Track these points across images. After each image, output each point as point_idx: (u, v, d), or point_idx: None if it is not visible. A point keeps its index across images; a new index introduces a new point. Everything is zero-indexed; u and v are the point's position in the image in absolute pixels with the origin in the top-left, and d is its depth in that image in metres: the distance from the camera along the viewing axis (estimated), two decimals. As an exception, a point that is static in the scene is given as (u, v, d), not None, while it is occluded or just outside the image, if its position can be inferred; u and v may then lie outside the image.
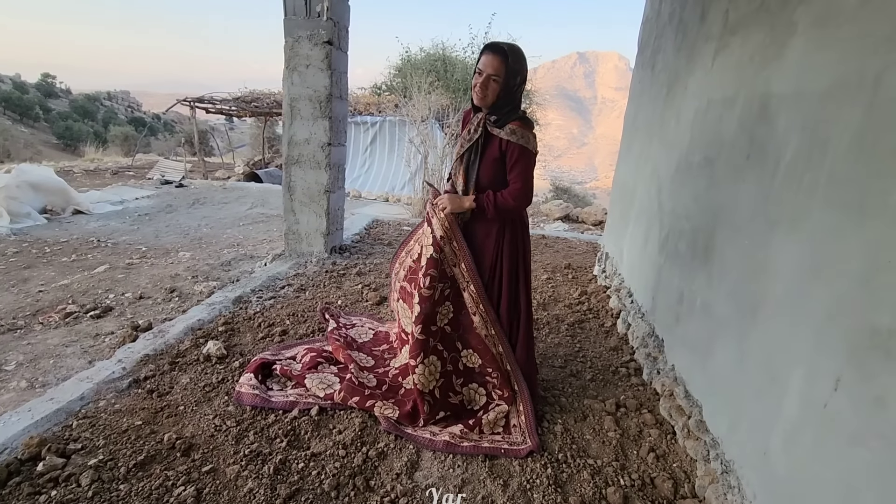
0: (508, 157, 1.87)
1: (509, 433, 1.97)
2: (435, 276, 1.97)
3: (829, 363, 1.14)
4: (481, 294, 1.99)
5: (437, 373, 2.03)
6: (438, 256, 1.97)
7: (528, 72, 1.88)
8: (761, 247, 1.53)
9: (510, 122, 1.85)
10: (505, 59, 1.80)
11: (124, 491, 1.57)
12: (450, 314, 2.05)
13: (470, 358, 2.09)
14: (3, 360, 2.56)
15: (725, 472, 1.59)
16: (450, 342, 2.08)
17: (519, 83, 1.86)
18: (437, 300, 2.00)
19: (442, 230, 1.97)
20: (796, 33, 1.47)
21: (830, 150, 1.24)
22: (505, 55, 1.80)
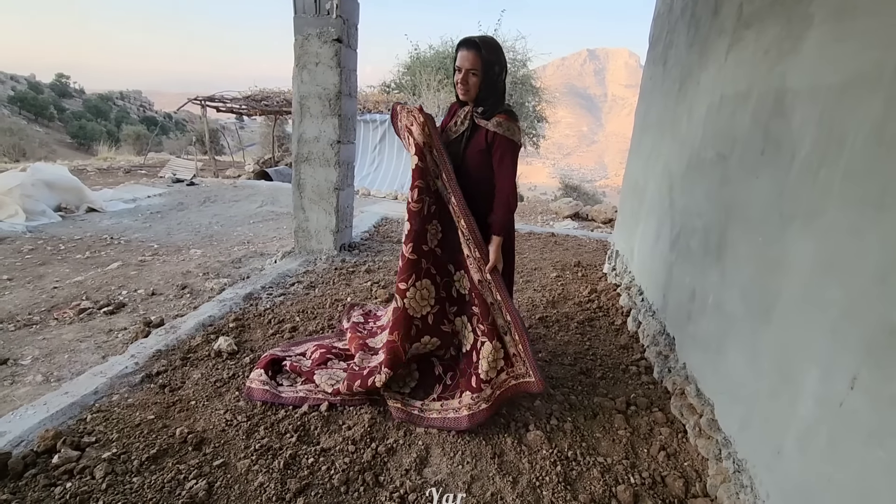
0: (495, 148, 1.91)
1: (511, 365, 1.99)
2: (422, 188, 1.95)
3: (845, 361, 1.12)
4: (461, 205, 1.95)
5: (432, 298, 2.03)
6: (423, 165, 1.94)
7: (505, 60, 1.92)
8: (775, 243, 1.51)
9: (497, 114, 1.89)
10: (479, 51, 1.84)
11: (137, 484, 1.59)
12: (439, 233, 2.04)
13: (462, 282, 2.07)
14: (19, 355, 2.60)
15: (738, 472, 1.57)
16: (441, 265, 2.07)
17: (498, 73, 1.89)
18: (425, 216, 1.98)
19: (423, 136, 1.92)
20: (813, 26, 1.45)
21: (847, 144, 1.21)
22: (478, 48, 1.85)
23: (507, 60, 1.94)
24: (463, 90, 1.91)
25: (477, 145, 1.94)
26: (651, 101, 3.52)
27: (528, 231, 5.68)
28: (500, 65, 1.89)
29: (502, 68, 1.90)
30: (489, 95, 1.91)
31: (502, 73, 1.91)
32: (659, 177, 2.99)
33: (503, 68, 1.91)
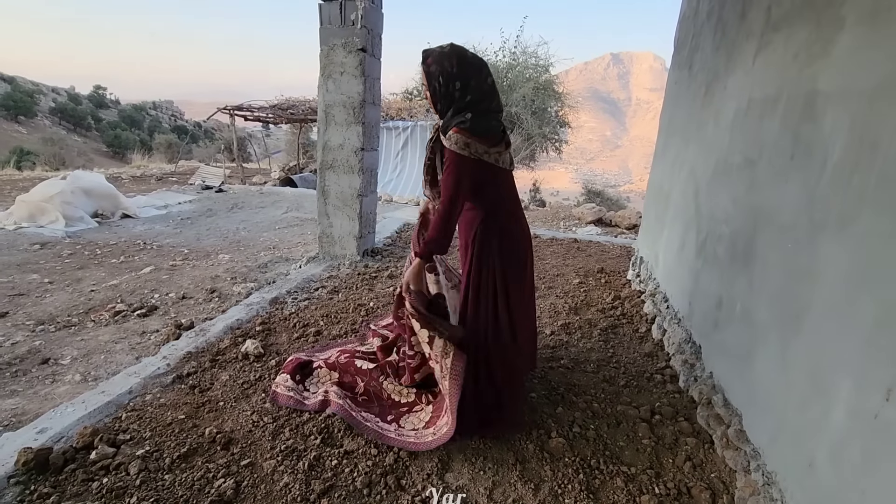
0: (445, 162, 1.72)
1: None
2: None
3: (880, 372, 1.09)
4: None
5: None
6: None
7: (458, 69, 1.65)
8: (806, 250, 1.47)
9: (452, 127, 1.66)
10: (423, 63, 1.71)
11: (169, 481, 1.65)
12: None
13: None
14: (59, 355, 2.73)
15: (767, 485, 1.53)
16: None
17: (443, 85, 1.67)
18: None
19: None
20: (844, 29, 1.42)
21: (881, 150, 1.18)
22: (424, 59, 1.71)
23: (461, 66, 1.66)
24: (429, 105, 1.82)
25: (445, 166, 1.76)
26: (676, 105, 3.47)
27: (550, 237, 5.65)
28: (444, 75, 1.65)
29: (449, 76, 1.65)
30: (444, 109, 1.72)
31: (452, 81, 1.66)
32: (684, 182, 2.94)
33: (451, 76, 1.65)
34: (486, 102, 1.71)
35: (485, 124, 1.70)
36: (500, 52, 13.62)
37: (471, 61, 1.69)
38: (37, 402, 2.28)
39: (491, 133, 1.72)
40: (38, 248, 5.04)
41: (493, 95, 1.75)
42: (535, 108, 12.59)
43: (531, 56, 13.29)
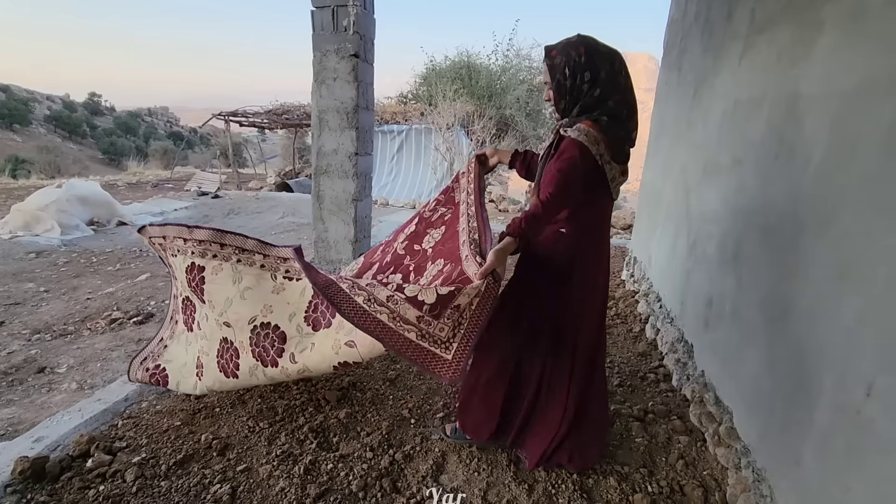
0: (559, 152, 1.51)
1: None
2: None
3: (861, 368, 1.11)
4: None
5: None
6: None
7: (586, 58, 1.45)
8: (791, 250, 1.50)
9: (583, 121, 1.46)
10: (547, 57, 1.52)
11: (165, 487, 1.66)
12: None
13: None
14: (55, 364, 2.73)
15: (757, 481, 1.55)
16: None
17: (570, 77, 1.47)
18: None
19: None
20: (824, 31, 1.45)
21: (860, 150, 1.21)
22: (547, 53, 1.52)
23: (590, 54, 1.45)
24: (552, 108, 1.59)
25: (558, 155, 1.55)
26: (666, 106, 3.51)
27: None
28: (572, 68, 1.46)
29: (577, 66, 1.45)
30: (569, 106, 1.52)
31: (580, 72, 1.46)
32: (675, 182, 2.97)
33: (578, 66, 1.45)
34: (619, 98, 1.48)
35: (619, 133, 1.49)
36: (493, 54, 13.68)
37: (602, 50, 1.48)
38: (33, 411, 2.28)
39: (620, 148, 1.50)
40: (33, 256, 5.04)
41: (627, 94, 1.50)
42: (529, 109, 12.63)
43: (524, 58, 13.35)
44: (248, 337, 1.92)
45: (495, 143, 8.50)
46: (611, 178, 1.50)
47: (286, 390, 2.25)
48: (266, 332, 1.90)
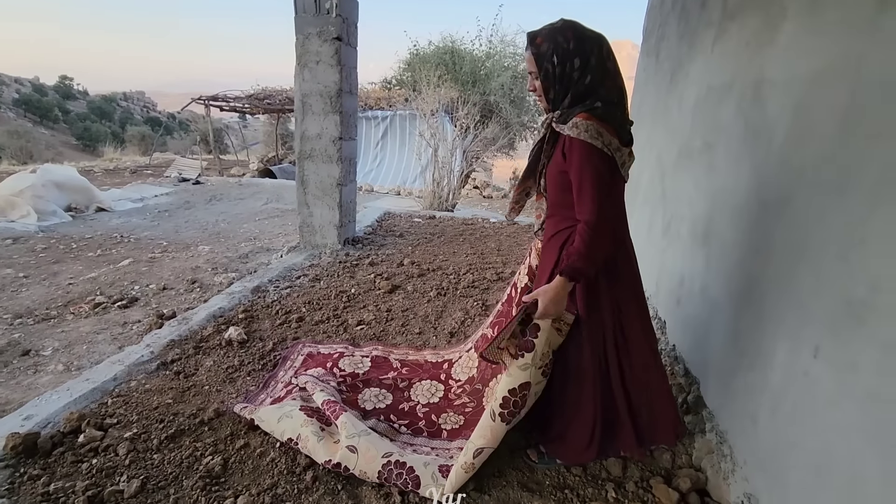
0: (568, 160, 1.43)
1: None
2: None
3: (811, 334, 1.21)
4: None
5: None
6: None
7: (575, 43, 1.41)
8: (754, 229, 1.60)
9: (577, 114, 1.40)
10: (531, 45, 1.46)
11: (158, 460, 1.71)
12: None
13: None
14: (40, 346, 2.73)
15: (720, 443, 1.66)
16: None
17: (558, 65, 1.42)
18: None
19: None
20: (787, 18, 1.53)
21: (817, 132, 1.30)
22: (531, 41, 1.46)
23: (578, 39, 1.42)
24: (538, 99, 1.56)
25: (556, 164, 1.52)
26: (645, 92, 3.59)
27: (528, 223, 5.76)
28: (560, 55, 1.41)
29: (567, 57, 1.41)
30: (560, 95, 1.46)
31: (569, 59, 1.41)
32: (652, 166, 3.07)
33: (567, 53, 1.41)
34: (610, 83, 1.45)
35: (617, 115, 1.44)
36: (476, 40, 13.62)
37: (589, 35, 1.44)
38: (20, 391, 2.30)
39: (623, 129, 1.46)
40: (10, 242, 4.95)
41: (617, 78, 1.48)
42: (513, 96, 12.64)
43: (508, 45, 13.32)
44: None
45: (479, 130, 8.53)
46: (621, 164, 1.45)
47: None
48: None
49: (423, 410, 2.04)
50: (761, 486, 1.38)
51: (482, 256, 4.23)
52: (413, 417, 2.00)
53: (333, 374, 2.22)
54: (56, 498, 1.52)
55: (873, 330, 1.00)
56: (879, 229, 1.01)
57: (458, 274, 3.69)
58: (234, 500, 1.55)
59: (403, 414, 2.02)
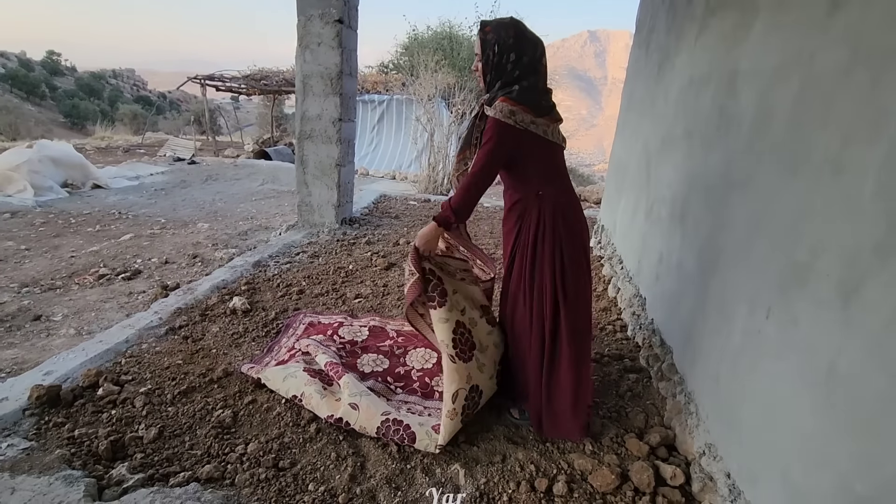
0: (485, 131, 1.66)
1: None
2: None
3: (764, 297, 1.37)
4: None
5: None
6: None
7: (514, 41, 1.64)
8: (722, 206, 1.75)
9: (498, 98, 1.63)
10: (481, 31, 1.68)
11: (172, 412, 1.85)
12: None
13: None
14: (50, 313, 2.85)
15: (687, 402, 1.84)
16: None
17: (497, 55, 1.64)
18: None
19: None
20: (759, 16, 1.66)
21: (775, 119, 1.45)
22: (481, 28, 1.69)
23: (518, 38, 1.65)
24: (478, 78, 1.77)
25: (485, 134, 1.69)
26: (635, 83, 3.73)
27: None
28: (500, 45, 1.63)
29: (505, 47, 1.63)
30: (493, 81, 1.69)
31: (507, 52, 1.64)
32: (639, 154, 3.22)
33: (507, 47, 1.63)
34: (534, 79, 1.67)
35: (533, 97, 1.65)
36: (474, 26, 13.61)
37: (529, 37, 1.67)
38: (35, 352, 2.42)
39: (538, 105, 1.66)
40: (8, 216, 5.01)
41: (543, 76, 1.72)
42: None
43: (506, 31, 13.33)
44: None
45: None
46: (542, 132, 1.67)
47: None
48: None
49: (418, 374, 2.20)
50: (719, 435, 1.56)
51: (475, 238, 4.38)
52: (408, 380, 2.16)
53: (333, 341, 2.37)
54: (81, 442, 1.66)
55: (812, 289, 1.16)
56: (820, 203, 1.17)
57: (451, 254, 3.84)
58: (245, 447, 1.70)
59: (399, 377, 2.18)
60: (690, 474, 1.64)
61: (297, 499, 1.51)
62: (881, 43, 1.03)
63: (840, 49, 1.16)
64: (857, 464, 0.96)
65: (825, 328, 1.10)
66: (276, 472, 1.59)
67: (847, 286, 1.04)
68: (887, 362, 0.91)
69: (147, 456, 1.63)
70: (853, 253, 1.03)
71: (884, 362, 0.92)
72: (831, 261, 1.10)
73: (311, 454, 1.69)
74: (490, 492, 1.58)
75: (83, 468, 1.54)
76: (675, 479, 1.62)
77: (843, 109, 1.13)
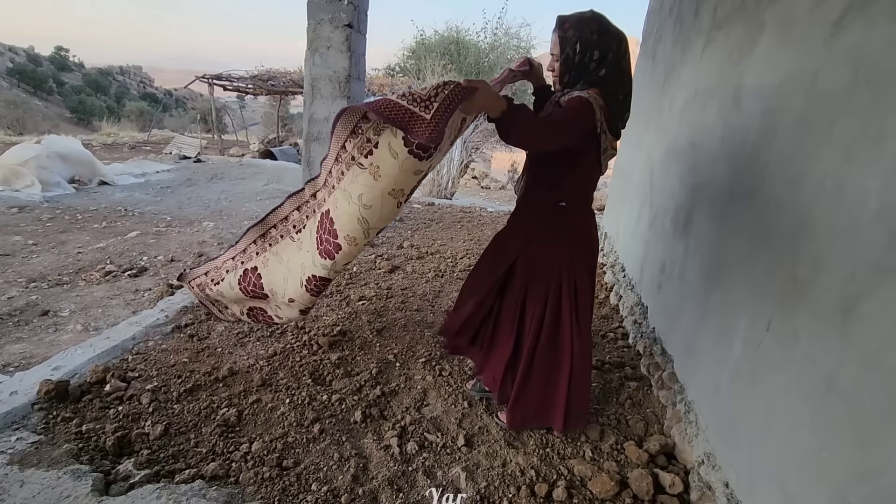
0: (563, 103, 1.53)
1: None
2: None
3: (765, 309, 1.39)
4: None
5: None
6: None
7: (598, 37, 1.51)
8: (726, 219, 1.78)
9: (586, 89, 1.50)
10: (559, 28, 1.54)
11: (178, 409, 1.88)
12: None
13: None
14: (58, 308, 2.88)
15: (687, 412, 1.86)
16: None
17: (580, 53, 1.51)
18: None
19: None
20: (764, 32, 1.69)
21: (779, 134, 1.47)
22: (560, 24, 1.55)
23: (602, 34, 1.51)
24: (554, 78, 1.65)
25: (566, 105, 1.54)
26: (640, 92, 3.74)
27: (523, 214, 5.95)
28: (583, 43, 1.50)
29: (588, 44, 1.50)
30: (574, 80, 1.56)
31: (588, 52, 1.51)
32: (643, 163, 3.24)
33: (590, 44, 1.50)
34: (619, 80, 1.56)
35: (616, 110, 1.56)
36: (482, 32, 13.69)
37: (613, 31, 1.54)
38: (43, 347, 2.45)
39: (616, 122, 1.58)
40: (15, 211, 5.05)
41: (628, 76, 1.59)
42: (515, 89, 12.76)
43: (513, 37, 13.42)
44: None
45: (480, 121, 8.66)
46: (603, 149, 1.57)
47: (282, 335, 2.48)
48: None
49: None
50: (718, 444, 1.58)
51: (479, 243, 4.41)
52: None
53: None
54: (88, 437, 1.69)
55: (812, 302, 1.18)
56: (821, 217, 1.19)
57: (455, 258, 3.86)
58: (250, 446, 1.73)
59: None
60: (689, 483, 1.65)
61: (301, 498, 1.53)
62: (882, 64, 1.06)
63: (842, 69, 1.19)
64: (851, 476, 0.98)
65: (824, 342, 1.12)
66: (279, 472, 1.62)
67: (847, 301, 1.06)
68: (885, 377, 0.94)
69: (153, 452, 1.65)
70: (853, 269, 1.06)
71: (881, 377, 0.94)
72: (832, 276, 1.12)
73: (314, 454, 1.72)
74: (490, 496, 1.60)
75: (90, 463, 1.57)
76: (674, 488, 1.63)
77: (845, 128, 1.16)
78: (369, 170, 1.58)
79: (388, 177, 1.57)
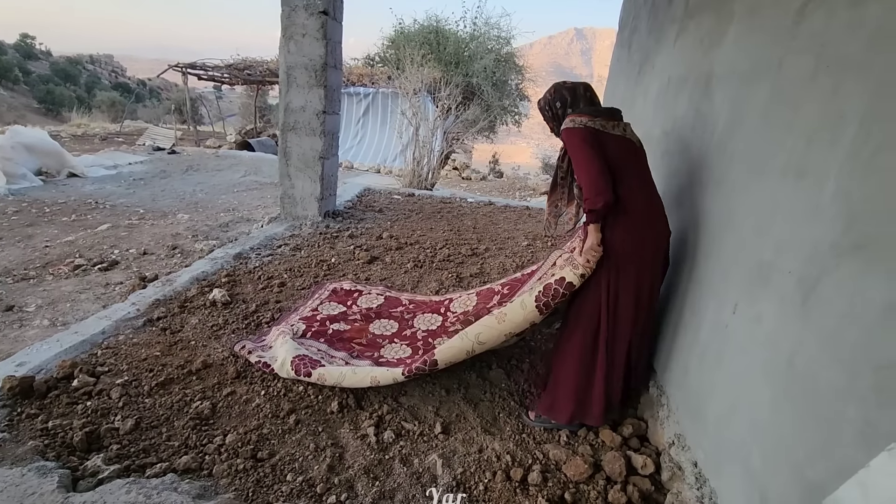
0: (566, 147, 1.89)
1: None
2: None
3: (732, 293, 1.42)
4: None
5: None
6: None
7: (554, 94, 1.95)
8: (696, 206, 1.80)
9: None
10: (538, 110, 2.08)
11: (149, 403, 1.84)
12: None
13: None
14: (23, 303, 2.79)
15: (659, 395, 1.90)
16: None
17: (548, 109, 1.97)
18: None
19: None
20: (733, 21, 1.71)
21: (746, 121, 1.50)
22: (538, 104, 2.09)
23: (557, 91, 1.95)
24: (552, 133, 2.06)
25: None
26: (617, 82, 3.78)
27: (504, 204, 5.96)
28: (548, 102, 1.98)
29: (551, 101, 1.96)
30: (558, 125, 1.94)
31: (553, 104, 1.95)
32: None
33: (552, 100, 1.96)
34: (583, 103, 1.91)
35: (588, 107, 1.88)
36: (461, 21, 13.59)
37: (567, 86, 1.96)
38: (7, 343, 2.37)
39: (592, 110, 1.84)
40: (-21, 204, 4.86)
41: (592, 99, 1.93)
42: (495, 79, 12.73)
43: (493, 27, 13.35)
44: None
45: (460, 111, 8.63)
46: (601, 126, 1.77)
47: (258, 326, 2.45)
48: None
49: (423, 335, 2.41)
50: (688, 425, 1.62)
51: (458, 233, 4.40)
52: (412, 340, 2.36)
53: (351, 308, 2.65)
54: (55, 434, 1.64)
55: (775, 285, 1.21)
56: (785, 203, 1.22)
57: (434, 248, 3.86)
58: (223, 438, 1.70)
59: (405, 338, 2.38)
60: (660, 464, 1.69)
61: (275, 489, 1.52)
62: (842, 52, 1.08)
63: (806, 56, 1.21)
64: (809, 452, 1.01)
65: (786, 324, 1.15)
66: (254, 463, 1.60)
67: (806, 283, 1.09)
68: (839, 356, 0.97)
69: (123, 447, 1.62)
70: (812, 251, 1.08)
71: (836, 356, 0.97)
72: (793, 259, 1.15)
73: (289, 445, 1.71)
74: (466, 481, 1.62)
75: (57, 459, 1.53)
76: (646, 469, 1.67)
77: (808, 114, 1.18)
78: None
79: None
